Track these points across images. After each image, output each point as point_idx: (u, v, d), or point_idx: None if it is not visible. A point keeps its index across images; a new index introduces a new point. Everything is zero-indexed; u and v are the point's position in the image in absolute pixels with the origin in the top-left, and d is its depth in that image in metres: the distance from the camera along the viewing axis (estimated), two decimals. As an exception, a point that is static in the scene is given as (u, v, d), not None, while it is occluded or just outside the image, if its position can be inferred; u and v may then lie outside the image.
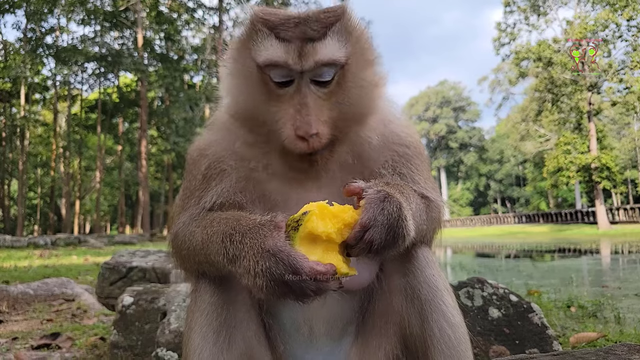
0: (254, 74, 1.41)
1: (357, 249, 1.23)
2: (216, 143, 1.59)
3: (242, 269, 1.22)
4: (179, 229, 1.51)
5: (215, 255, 1.32)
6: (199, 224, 1.44)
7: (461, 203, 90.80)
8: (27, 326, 4.87)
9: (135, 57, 43.62)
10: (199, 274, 1.50)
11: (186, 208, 1.55)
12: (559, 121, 45.42)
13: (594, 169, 40.60)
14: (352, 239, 1.22)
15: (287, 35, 1.36)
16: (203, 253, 1.39)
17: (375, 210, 1.23)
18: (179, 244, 1.51)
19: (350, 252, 1.24)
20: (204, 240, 1.37)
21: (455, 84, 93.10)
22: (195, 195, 1.54)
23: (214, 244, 1.32)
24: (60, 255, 17.23)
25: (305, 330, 1.56)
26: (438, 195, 1.60)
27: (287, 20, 1.38)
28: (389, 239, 1.23)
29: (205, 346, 1.40)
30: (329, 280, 1.17)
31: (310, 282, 1.16)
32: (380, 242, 1.22)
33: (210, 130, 1.67)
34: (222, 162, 1.54)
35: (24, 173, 43.80)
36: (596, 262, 15.27)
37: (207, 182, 1.53)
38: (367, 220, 1.21)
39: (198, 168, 1.57)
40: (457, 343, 1.43)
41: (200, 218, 1.47)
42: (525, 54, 42.97)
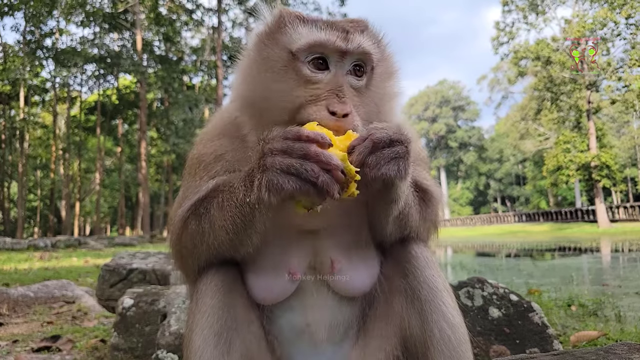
0: (282, 62, 1.43)
1: (359, 147, 1.23)
2: (231, 149, 1.55)
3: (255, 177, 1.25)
4: (188, 211, 1.46)
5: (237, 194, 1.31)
6: (213, 193, 1.43)
7: (461, 202, 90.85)
8: (27, 329, 4.87)
9: (135, 58, 43.63)
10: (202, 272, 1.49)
11: (185, 203, 1.51)
12: (559, 120, 45.46)
13: (593, 167, 40.63)
14: (357, 139, 1.24)
15: (328, 24, 1.44)
16: (222, 213, 1.36)
17: (385, 127, 1.28)
18: (190, 228, 1.45)
19: (351, 157, 1.23)
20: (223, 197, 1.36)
21: (454, 83, 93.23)
22: (195, 191, 1.52)
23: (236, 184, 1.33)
24: (60, 257, 17.21)
25: (306, 336, 1.56)
26: (438, 190, 1.61)
27: (320, 19, 1.47)
28: (390, 154, 1.25)
29: (206, 348, 1.39)
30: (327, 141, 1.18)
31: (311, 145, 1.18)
32: (383, 144, 1.24)
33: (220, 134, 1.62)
34: (238, 164, 1.51)
35: (23, 175, 43.79)
36: (596, 261, 15.27)
37: (212, 177, 1.51)
38: (375, 127, 1.26)
39: (207, 170, 1.54)
40: (457, 344, 1.43)
41: (211, 192, 1.44)
42: (524, 53, 43.01)
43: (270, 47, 1.46)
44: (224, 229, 1.37)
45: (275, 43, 1.45)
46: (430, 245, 1.63)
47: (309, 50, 1.40)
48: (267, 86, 1.44)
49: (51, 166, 50.08)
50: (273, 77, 1.43)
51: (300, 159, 1.18)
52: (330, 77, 1.40)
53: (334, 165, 1.18)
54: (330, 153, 1.19)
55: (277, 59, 1.44)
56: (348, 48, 1.41)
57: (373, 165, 1.24)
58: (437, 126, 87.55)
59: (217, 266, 1.49)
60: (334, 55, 1.42)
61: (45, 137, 50.36)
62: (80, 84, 49.57)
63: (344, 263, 1.52)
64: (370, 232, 1.57)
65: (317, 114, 1.34)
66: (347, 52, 1.41)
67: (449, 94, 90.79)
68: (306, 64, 1.41)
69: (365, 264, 1.56)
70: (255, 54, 1.50)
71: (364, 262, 1.56)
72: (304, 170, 1.17)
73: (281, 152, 1.20)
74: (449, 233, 50.75)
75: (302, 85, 1.40)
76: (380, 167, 1.24)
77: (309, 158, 1.18)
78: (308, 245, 1.52)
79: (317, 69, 1.41)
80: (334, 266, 1.51)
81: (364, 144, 1.24)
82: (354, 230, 1.55)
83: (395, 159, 1.25)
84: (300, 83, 1.40)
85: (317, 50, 1.41)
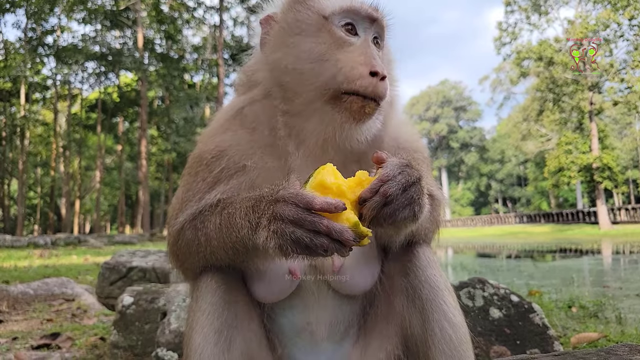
0: (315, 25, 1.46)
1: (371, 201, 1.19)
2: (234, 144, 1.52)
3: (261, 229, 1.21)
4: (184, 223, 1.46)
5: (238, 231, 1.28)
6: (211, 210, 1.41)
7: (462, 203, 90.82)
8: (27, 326, 4.87)
9: (136, 56, 43.64)
10: (202, 271, 1.48)
11: (185, 208, 1.49)
12: (561, 121, 45.41)
13: (595, 168, 40.57)
14: (367, 191, 1.19)
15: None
16: (221, 236, 1.34)
17: (395, 169, 1.23)
18: (187, 238, 1.45)
19: (363, 211, 1.20)
20: (222, 222, 1.34)
21: (456, 84, 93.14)
22: (196, 197, 1.48)
23: (237, 219, 1.29)
24: (60, 255, 17.22)
25: (306, 335, 1.55)
26: (442, 194, 1.61)
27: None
28: (404, 201, 1.21)
29: (206, 346, 1.38)
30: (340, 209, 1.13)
31: (322, 218, 1.13)
32: (396, 197, 1.19)
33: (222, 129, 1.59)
34: (245, 160, 1.48)
35: (24, 173, 43.81)
36: (597, 262, 15.25)
37: (214, 185, 1.47)
38: (385, 175, 1.21)
39: (210, 170, 1.49)
40: (458, 343, 1.42)
41: (210, 208, 1.42)
42: (526, 54, 42.95)
43: (303, 12, 1.49)
44: (222, 249, 1.37)
45: (308, 8, 1.49)
46: (432, 246, 1.63)
47: (342, 14, 1.46)
48: (302, 50, 1.45)
49: (51, 164, 50.08)
50: (308, 40, 1.45)
51: (311, 232, 1.14)
52: (362, 42, 1.45)
53: (345, 239, 1.13)
54: (342, 227, 1.13)
55: (311, 23, 1.47)
56: (377, 16, 1.49)
57: (386, 217, 1.21)
58: (439, 126, 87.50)
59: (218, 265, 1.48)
60: (364, 21, 1.48)
61: (46, 135, 50.34)
62: (81, 82, 49.62)
63: (345, 262, 1.51)
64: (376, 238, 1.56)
65: (356, 73, 1.36)
66: (377, 20, 1.49)
67: (451, 94, 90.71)
68: (340, 28, 1.45)
69: (366, 263, 1.55)
70: (286, 21, 1.51)
71: (365, 261, 1.55)
72: (313, 245, 1.14)
73: (292, 223, 1.16)
74: (450, 234, 50.73)
75: (336, 48, 1.42)
76: (396, 218, 1.21)
77: (320, 233, 1.14)
78: None
79: (350, 33, 1.45)
80: (335, 265, 1.50)
81: (374, 199, 1.19)
82: None
83: (410, 204, 1.23)
84: (335, 46, 1.42)
85: (349, 16, 1.46)
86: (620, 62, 37.83)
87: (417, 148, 1.64)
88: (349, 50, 1.42)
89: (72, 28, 53.20)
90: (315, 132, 1.46)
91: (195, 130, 41.70)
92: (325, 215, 1.14)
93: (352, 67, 1.37)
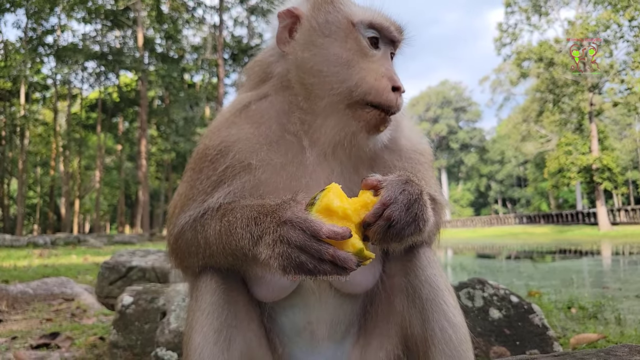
0: (344, 31, 1.48)
1: (375, 226, 1.20)
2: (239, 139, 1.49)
3: (264, 246, 1.22)
4: (184, 225, 1.45)
5: (238, 240, 1.29)
6: (212, 215, 1.41)
7: (462, 204, 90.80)
8: (26, 325, 4.86)
9: (136, 56, 43.63)
10: (202, 271, 1.48)
11: (187, 209, 1.48)
12: (560, 122, 45.42)
13: (595, 169, 40.58)
14: (370, 216, 1.21)
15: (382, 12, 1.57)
16: (221, 242, 1.35)
17: (396, 190, 1.24)
18: (187, 238, 1.45)
19: (368, 234, 1.22)
20: (222, 229, 1.35)
21: (456, 84, 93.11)
22: (199, 199, 1.46)
23: (238, 229, 1.30)
24: (59, 254, 17.20)
25: (307, 334, 1.55)
26: (443, 198, 1.62)
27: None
28: (408, 219, 1.22)
29: (205, 346, 1.38)
30: (347, 237, 1.14)
31: (328, 247, 1.14)
32: (400, 220, 1.21)
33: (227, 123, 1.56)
34: (251, 157, 1.47)
35: (23, 172, 43.78)
36: (597, 263, 15.25)
37: (218, 185, 1.45)
38: (387, 198, 1.22)
39: (214, 167, 1.47)
40: (458, 343, 1.42)
41: (211, 212, 1.42)
42: (526, 55, 42.96)
43: (333, 14, 1.50)
44: (221, 254, 1.38)
45: (337, 10, 1.51)
46: (433, 246, 1.63)
47: (369, 26, 1.49)
48: (330, 53, 1.46)
49: (51, 163, 50.04)
50: (335, 44, 1.47)
51: (315, 259, 1.15)
52: (382, 55, 1.50)
53: (349, 267, 1.15)
54: (347, 256, 1.15)
55: (340, 27, 1.48)
56: (399, 39, 1.56)
57: (393, 236, 1.22)
58: (439, 127, 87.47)
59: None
60: (386, 39, 1.52)
61: (46, 134, 50.30)
62: (81, 81, 49.61)
63: None
64: None
65: (381, 86, 1.42)
66: (397, 42, 1.56)
67: (451, 94, 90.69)
68: (365, 38, 1.48)
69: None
70: (316, 20, 1.50)
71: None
72: (317, 271, 1.16)
73: (297, 247, 1.17)
74: (450, 234, 50.72)
75: (361, 57, 1.45)
76: (402, 237, 1.23)
77: (325, 260, 1.15)
78: None
79: (372, 46, 1.49)
80: None
81: (378, 223, 1.20)
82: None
83: (414, 221, 1.24)
84: (360, 55, 1.46)
85: (375, 29, 1.50)
86: (620, 63, 37.84)
87: (423, 150, 1.66)
88: (373, 61, 1.46)
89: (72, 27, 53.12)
90: (330, 133, 1.48)
91: (195, 130, 41.68)
92: (331, 242, 1.16)
93: (376, 79, 1.42)
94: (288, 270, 1.18)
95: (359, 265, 1.16)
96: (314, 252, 1.15)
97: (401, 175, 1.29)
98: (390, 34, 1.51)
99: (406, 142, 1.62)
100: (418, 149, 1.63)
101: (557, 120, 45.49)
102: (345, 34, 1.47)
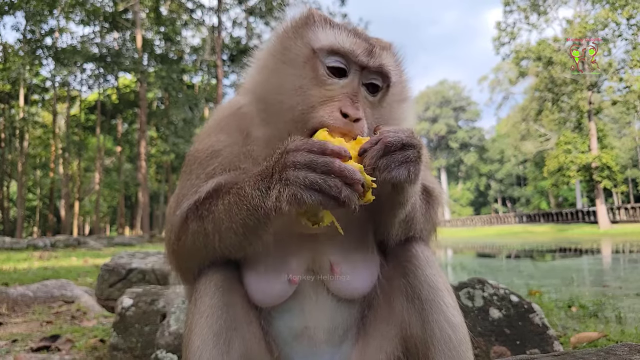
0: (302, 57, 1.42)
1: (371, 150, 1.23)
2: (228, 144, 1.52)
3: (273, 188, 1.22)
4: (187, 212, 1.43)
5: (249, 201, 1.27)
6: (216, 196, 1.40)
7: (462, 203, 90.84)
8: (26, 328, 4.86)
9: (135, 57, 43.62)
10: (200, 273, 1.48)
11: (182, 203, 1.47)
12: (560, 120, 45.48)
13: (594, 168, 40.61)
14: (368, 143, 1.25)
15: (355, 33, 1.45)
16: (230, 214, 1.33)
17: (397, 129, 1.29)
18: (191, 231, 1.41)
19: (364, 161, 1.24)
20: (231, 199, 1.33)
21: (455, 84, 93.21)
22: (192, 191, 1.47)
23: (247, 189, 1.29)
24: (59, 257, 17.18)
25: (304, 338, 1.54)
26: (440, 191, 1.61)
27: (347, 26, 1.49)
28: (401, 158, 1.25)
29: (205, 348, 1.38)
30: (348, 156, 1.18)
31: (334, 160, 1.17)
32: (395, 148, 1.24)
33: (218, 128, 1.59)
34: (235, 161, 1.49)
35: (23, 174, 43.77)
36: (597, 262, 15.26)
37: (208, 179, 1.47)
38: (387, 131, 1.26)
39: (203, 169, 1.50)
40: (458, 343, 1.42)
41: (214, 192, 1.41)
42: (525, 54, 43.02)
43: (293, 40, 1.45)
44: (232, 230, 1.35)
45: (300, 37, 1.45)
46: (431, 245, 1.62)
47: (331, 52, 1.40)
48: (283, 79, 1.43)
49: (51, 165, 50.04)
50: (291, 70, 1.42)
51: (324, 174, 1.17)
52: (347, 83, 1.40)
53: (357, 180, 1.17)
54: (353, 167, 1.18)
55: (298, 53, 1.43)
56: (369, 64, 1.41)
57: (383, 168, 1.24)
58: (438, 126, 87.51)
59: (216, 266, 1.48)
60: (354, 66, 1.41)
61: (45, 137, 50.29)
62: (80, 83, 49.61)
63: (344, 265, 1.50)
64: (374, 233, 1.56)
65: (329, 114, 1.33)
66: (368, 67, 1.41)
67: (450, 94, 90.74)
68: (324, 66, 1.40)
69: (365, 266, 1.55)
70: (276, 45, 1.48)
71: (364, 264, 1.55)
72: (327, 187, 1.16)
73: (305, 166, 1.18)
74: (450, 234, 50.74)
75: (317, 85, 1.39)
76: (391, 170, 1.24)
77: (332, 173, 1.17)
78: (307, 248, 1.50)
79: (334, 75, 1.40)
80: (334, 269, 1.50)
81: (375, 147, 1.24)
82: (354, 232, 1.52)
83: (406, 162, 1.26)
84: (316, 82, 1.39)
85: (339, 56, 1.40)
86: (618, 61, 37.92)
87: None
88: (330, 89, 1.38)
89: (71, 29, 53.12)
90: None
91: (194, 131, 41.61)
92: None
93: (327, 109, 1.34)
94: (299, 197, 1.17)
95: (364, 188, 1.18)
96: (321, 166, 1.17)
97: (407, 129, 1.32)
98: (355, 58, 1.39)
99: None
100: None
101: (556, 119, 45.55)
102: (304, 60, 1.41)
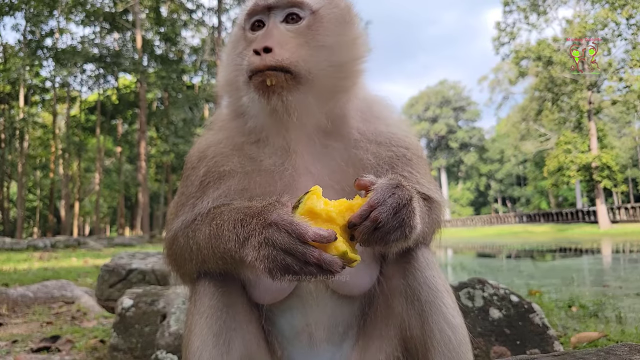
0: (237, 36, 1.61)
1: (361, 226, 1.19)
2: (218, 142, 1.58)
3: (250, 248, 1.23)
4: (177, 230, 1.49)
5: (226, 243, 1.30)
6: (202, 220, 1.43)
7: (462, 203, 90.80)
8: (26, 329, 4.85)
9: (135, 58, 43.63)
10: (199, 275, 1.49)
11: (180, 214, 1.53)
12: (559, 120, 45.46)
13: (594, 168, 40.60)
14: (356, 217, 1.20)
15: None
16: (210, 246, 1.36)
17: (385, 193, 1.23)
18: (180, 245, 1.48)
19: (354, 234, 1.21)
20: (211, 232, 1.36)
21: (455, 84, 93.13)
22: (189, 203, 1.51)
23: (225, 231, 1.31)
24: (59, 257, 17.18)
25: (305, 337, 1.55)
26: (440, 196, 1.60)
27: None
28: (395, 224, 1.21)
29: (205, 349, 1.39)
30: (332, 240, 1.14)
31: (313, 250, 1.15)
32: (386, 223, 1.20)
33: (210, 129, 1.68)
34: (225, 163, 1.52)
35: (23, 175, 43.77)
36: (597, 262, 15.25)
37: (203, 189, 1.50)
38: (375, 200, 1.21)
39: (196, 173, 1.54)
40: (458, 344, 1.42)
41: (201, 217, 1.45)
42: (524, 53, 43.01)
43: (233, 30, 1.70)
44: (212, 259, 1.39)
45: (236, 25, 1.67)
46: (431, 246, 1.62)
47: (248, 17, 1.56)
48: (228, 62, 1.62)
49: (51, 166, 50.04)
50: (232, 53, 1.60)
51: (301, 262, 1.16)
52: (264, 30, 1.50)
53: (335, 270, 1.16)
54: (332, 259, 1.15)
55: (236, 36, 1.63)
56: (269, 3, 1.51)
57: (378, 240, 1.22)
58: (438, 126, 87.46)
59: None
60: (264, 12, 1.53)
61: (45, 137, 50.28)
62: (80, 84, 49.62)
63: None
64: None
65: (247, 60, 1.43)
66: (271, 6, 1.51)
67: (450, 94, 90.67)
68: (248, 29, 1.56)
69: (365, 264, 1.54)
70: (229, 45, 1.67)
71: (364, 262, 1.54)
72: (302, 273, 1.17)
73: (282, 250, 1.17)
74: (450, 234, 50.69)
75: (246, 47, 1.51)
76: (387, 240, 1.23)
77: (310, 263, 1.16)
78: None
79: (254, 30, 1.54)
80: None
81: (365, 224, 1.19)
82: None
83: (400, 227, 1.23)
84: (246, 46, 1.52)
85: (254, 15, 1.55)
86: (618, 61, 37.92)
87: (409, 145, 1.61)
88: (253, 41, 1.49)
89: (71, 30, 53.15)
90: (266, 125, 1.53)
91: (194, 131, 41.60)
92: (316, 245, 1.16)
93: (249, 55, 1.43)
94: (274, 272, 1.18)
95: (344, 268, 1.17)
96: (299, 255, 1.15)
97: (393, 178, 1.28)
98: (260, 5, 1.53)
99: (389, 134, 1.60)
100: (403, 143, 1.60)
101: (556, 119, 45.54)
102: (238, 38, 1.60)
